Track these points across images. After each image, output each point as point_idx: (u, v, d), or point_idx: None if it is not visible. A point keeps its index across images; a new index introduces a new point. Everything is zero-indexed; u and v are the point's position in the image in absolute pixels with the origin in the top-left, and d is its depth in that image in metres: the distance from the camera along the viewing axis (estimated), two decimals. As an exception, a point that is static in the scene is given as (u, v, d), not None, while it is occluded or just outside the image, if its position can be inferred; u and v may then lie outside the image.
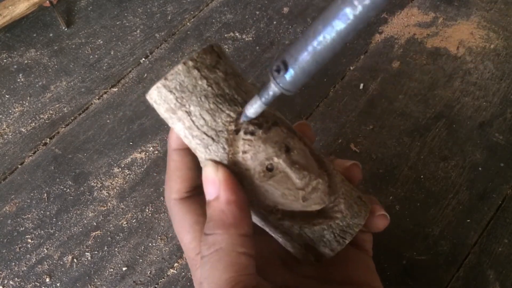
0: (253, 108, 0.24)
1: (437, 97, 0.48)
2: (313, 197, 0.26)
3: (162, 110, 0.26)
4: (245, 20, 0.55)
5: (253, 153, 0.25)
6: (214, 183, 0.25)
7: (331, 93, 0.49)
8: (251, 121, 0.26)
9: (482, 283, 0.39)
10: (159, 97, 0.26)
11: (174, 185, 0.29)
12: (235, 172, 0.26)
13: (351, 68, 0.51)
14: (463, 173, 0.44)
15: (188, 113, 0.25)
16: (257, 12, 0.55)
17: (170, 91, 0.25)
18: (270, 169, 0.25)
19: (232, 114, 0.25)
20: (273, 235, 0.29)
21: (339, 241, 0.27)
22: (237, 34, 0.54)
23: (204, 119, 0.25)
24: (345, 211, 0.27)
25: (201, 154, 0.26)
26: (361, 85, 0.50)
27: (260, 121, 0.26)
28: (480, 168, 0.44)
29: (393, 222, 0.42)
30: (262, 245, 0.29)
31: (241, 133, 0.25)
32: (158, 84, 0.25)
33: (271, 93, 0.22)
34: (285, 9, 0.56)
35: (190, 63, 0.25)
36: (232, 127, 0.25)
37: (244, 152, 0.25)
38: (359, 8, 0.17)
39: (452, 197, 0.43)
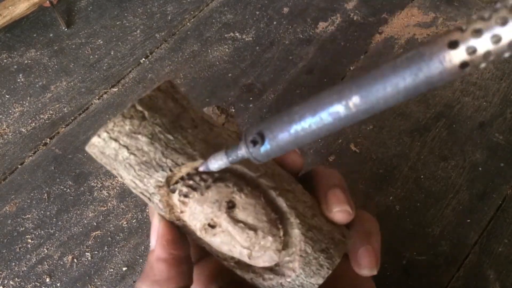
0: (217, 164, 0.23)
1: (437, 97, 0.48)
2: (261, 255, 0.25)
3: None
4: (245, 20, 0.55)
5: (190, 214, 0.25)
6: (153, 236, 0.25)
7: (331, 93, 0.49)
8: (185, 183, 0.25)
9: (482, 283, 0.39)
10: (95, 159, 0.26)
11: None
12: (180, 226, 0.26)
13: (351, 68, 0.51)
14: (463, 173, 0.44)
15: (120, 176, 0.25)
16: (257, 12, 0.55)
17: (97, 157, 0.25)
18: (212, 226, 0.25)
19: (160, 179, 0.24)
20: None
21: None
22: (237, 34, 0.54)
23: (135, 183, 0.25)
24: (299, 270, 0.25)
25: None
26: (361, 85, 0.50)
27: (197, 181, 0.25)
28: (480, 168, 0.44)
29: (393, 223, 0.42)
30: None
31: (176, 194, 0.25)
32: (86, 148, 0.25)
33: (239, 155, 0.22)
34: (285, 9, 0.56)
35: (105, 134, 0.24)
36: (163, 190, 0.25)
37: (182, 212, 0.25)
38: (353, 111, 0.17)
39: (452, 197, 0.43)
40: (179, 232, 0.26)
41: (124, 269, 0.40)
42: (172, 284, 0.25)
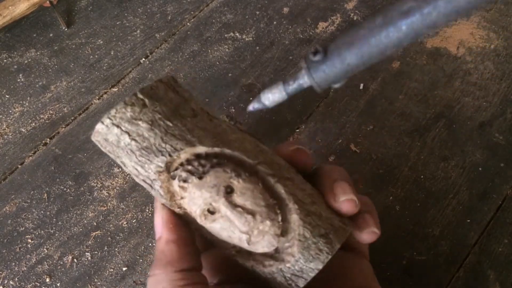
0: (272, 96, 0.22)
1: (437, 97, 0.48)
2: (260, 240, 0.25)
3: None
4: (245, 20, 0.55)
5: (190, 199, 0.25)
6: (159, 224, 0.26)
7: (331, 93, 0.49)
8: (184, 168, 0.25)
9: (482, 283, 0.39)
10: (100, 148, 0.27)
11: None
12: (181, 213, 0.26)
13: (351, 68, 0.51)
14: (463, 173, 0.44)
15: (123, 164, 0.26)
16: (257, 12, 0.55)
17: (101, 145, 0.26)
18: (212, 212, 0.25)
19: (160, 164, 0.25)
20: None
21: (290, 284, 0.26)
22: (237, 34, 0.54)
23: (136, 169, 0.26)
24: (298, 255, 0.25)
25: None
26: (361, 85, 0.50)
27: (195, 166, 0.25)
28: (480, 168, 0.44)
29: (393, 223, 0.42)
30: None
31: (176, 180, 0.25)
32: (92, 137, 0.26)
33: (299, 82, 0.20)
34: (285, 9, 0.56)
35: (108, 121, 0.25)
36: (164, 176, 0.25)
37: (182, 198, 0.26)
38: (428, 19, 0.15)
39: (452, 197, 0.43)
40: (182, 219, 0.26)
41: (124, 269, 0.40)
42: (185, 263, 0.25)
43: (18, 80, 0.51)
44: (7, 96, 0.50)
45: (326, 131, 0.47)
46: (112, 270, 0.40)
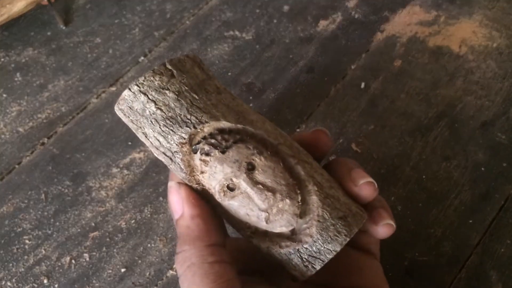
0: None
1: (439, 96, 0.48)
2: (278, 219, 0.25)
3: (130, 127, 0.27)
4: (245, 19, 0.54)
5: (210, 174, 0.25)
6: (178, 201, 0.26)
7: (332, 92, 0.49)
8: (207, 141, 0.25)
9: (485, 284, 0.38)
10: (122, 118, 0.27)
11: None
12: (199, 190, 0.26)
13: (352, 67, 0.51)
14: (466, 173, 0.43)
15: (145, 135, 0.26)
16: (257, 10, 0.55)
17: (124, 115, 0.26)
18: (231, 189, 0.25)
19: (184, 135, 0.25)
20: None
21: (307, 266, 0.26)
22: (237, 32, 0.53)
23: (158, 140, 0.26)
24: (316, 236, 0.25)
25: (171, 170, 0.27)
26: (363, 84, 0.49)
27: (219, 140, 0.25)
28: (482, 168, 0.44)
29: (395, 223, 0.41)
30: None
31: (198, 153, 0.25)
32: (115, 107, 0.26)
33: None
34: (286, 7, 0.55)
35: (136, 87, 0.25)
36: (186, 148, 0.25)
37: (202, 172, 0.25)
38: None
39: (454, 197, 0.42)
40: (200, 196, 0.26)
41: (122, 270, 0.40)
42: (213, 237, 0.25)
43: (16, 79, 0.51)
44: (4, 95, 0.50)
45: (327, 130, 0.46)
46: (110, 271, 0.40)
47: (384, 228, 0.28)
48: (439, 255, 0.40)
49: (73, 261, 0.40)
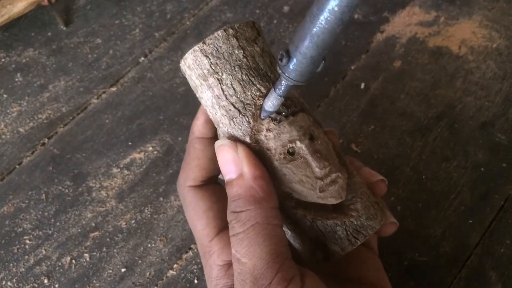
0: (269, 101, 0.24)
1: (439, 97, 0.48)
2: (331, 189, 0.26)
3: (194, 76, 0.26)
4: (245, 19, 0.54)
5: (277, 133, 0.25)
6: (234, 161, 0.25)
7: (332, 92, 0.49)
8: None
9: (484, 285, 0.38)
10: (193, 62, 0.26)
11: (192, 172, 0.29)
12: (256, 150, 0.26)
13: (352, 67, 0.51)
14: (465, 173, 0.44)
15: (220, 81, 0.25)
16: (257, 11, 0.55)
17: (206, 56, 0.26)
18: (291, 153, 0.25)
19: (262, 89, 0.25)
20: (284, 226, 0.28)
21: (351, 240, 0.27)
22: (237, 33, 0.53)
23: (234, 89, 0.25)
24: (361, 211, 0.27)
25: (224, 128, 0.26)
26: (363, 85, 0.49)
27: (288, 104, 0.26)
28: (482, 169, 0.44)
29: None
30: None
31: None
32: (196, 48, 0.26)
33: (283, 83, 0.22)
34: (286, 8, 0.55)
35: (231, 31, 0.25)
36: (261, 102, 0.25)
37: (268, 130, 0.25)
38: None
39: (454, 197, 0.42)
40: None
41: (123, 270, 0.40)
42: (274, 199, 0.25)
43: (16, 79, 0.51)
44: (5, 95, 0.50)
45: (326, 131, 0.46)
46: (110, 271, 0.40)
47: (389, 226, 0.30)
48: (439, 256, 0.40)
49: (73, 261, 0.40)
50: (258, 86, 0.25)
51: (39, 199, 0.43)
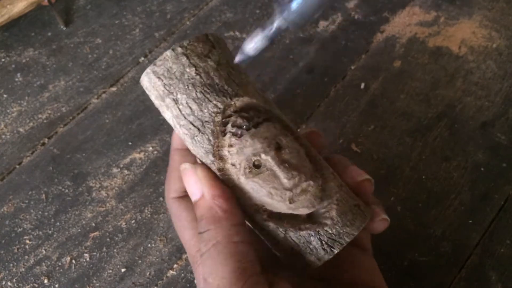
0: (253, 42, 0.23)
1: (439, 97, 0.48)
2: (302, 199, 0.25)
3: (153, 97, 0.26)
4: (245, 19, 0.54)
5: (240, 148, 0.25)
6: (196, 183, 0.25)
7: (332, 92, 0.49)
8: (240, 114, 0.25)
9: (484, 285, 0.39)
10: (148, 84, 0.26)
11: (173, 184, 0.29)
12: (221, 167, 0.26)
13: (352, 67, 0.51)
14: (465, 173, 0.44)
15: (175, 101, 0.25)
16: (257, 11, 0.55)
17: (158, 78, 0.25)
18: (257, 166, 0.25)
19: (219, 105, 0.25)
20: (261, 236, 0.28)
21: (326, 249, 0.26)
22: (237, 33, 0.53)
23: (190, 108, 0.25)
24: (336, 218, 0.26)
25: (189, 146, 0.26)
26: (362, 85, 0.49)
27: (251, 115, 0.25)
28: (482, 169, 0.44)
29: (395, 223, 0.41)
30: (259, 245, 0.28)
31: (229, 125, 0.25)
32: (148, 70, 0.25)
33: (275, 24, 0.21)
34: (286, 8, 0.55)
35: (179, 49, 0.25)
36: (219, 118, 0.25)
37: (230, 145, 0.25)
38: None
39: (454, 197, 0.42)
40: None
41: (123, 270, 0.40)
42: (236, 216, 0.25)
43: (16, 79, 0.51)
44: (5, 95, 0.50)
45: (327, 131, 0.46)
46: (110, 271, 0.40)
47: (379, 224, 0.29)
48: (439, 256, 0.40)
49: (73, 261, 0.40)
50: (214, 102, 0.25)
51: (39, 199, 0.43)
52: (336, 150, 0.45)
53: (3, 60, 0.52)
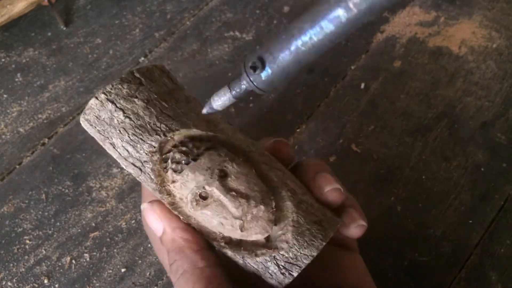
0: (221, 101, 0.23)
1: (439, 97, 0.48)
2: (253, 226, 0.24)
3: (97, 140, 0.26)
4: (245, 19, 0.54)
5: (182, 183, 0.25)
6: (156, 220, 0.26)
7: (332, 92, 0.49)
8: (178, 149, 0.25)
9: (484, 285, 0.39)
10: (87, 129, 0.26)
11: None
12: (170, 201, 0.26)
13: (352, 67, 0.51)
14: (465, 173, 0.44)
15: (113, 145, 0.25)
16: (258, 11, 0.55)
17: (91, 125, 0.25)
18: (204, 197, 0.25)
19: (154, 144, 0.25)
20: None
21: (284, 273, 0.25)
22: (237, 33, 0.53)
23: (127, 150, 0.25)
24: (292, 241, 0.25)
25: (141, 183, 0.26)
26: (362, 85, 0.49)
27: (190, 147, 0.25)
28: (482, 169, 0.44)
29: (395, 223, 0.42)
30: (231, 265, 0.28)
31: (169, 161, 0.25)
32: (81, 118, 0.26)
33: (243, 87, 0.21)
34: (286, 8, 0.55)
35: (103, 96, 0.25)
36: (156, 157, 0.25)
37: (173, 181, 0.25)
38: (354, 12, 0.16)
39: (454, 197, 0.42)
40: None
41: (123, 270, 0.40)
42: (199, 242, 0.25)
43: (16, 79, 0.51)
44: (5, 95, 0.50)
45: (327, 131, 0.46)
46: (110, 271, 0.40)
47: (356, 230, 0.28)
48: (439, 256, 0.40)
49: (73, 261, 0.40)
50: (148, 142, 0.25)
51: (39, 199, 0.43)
52: (336, 150, 0.45)
53: (3, 60, 0.52)
